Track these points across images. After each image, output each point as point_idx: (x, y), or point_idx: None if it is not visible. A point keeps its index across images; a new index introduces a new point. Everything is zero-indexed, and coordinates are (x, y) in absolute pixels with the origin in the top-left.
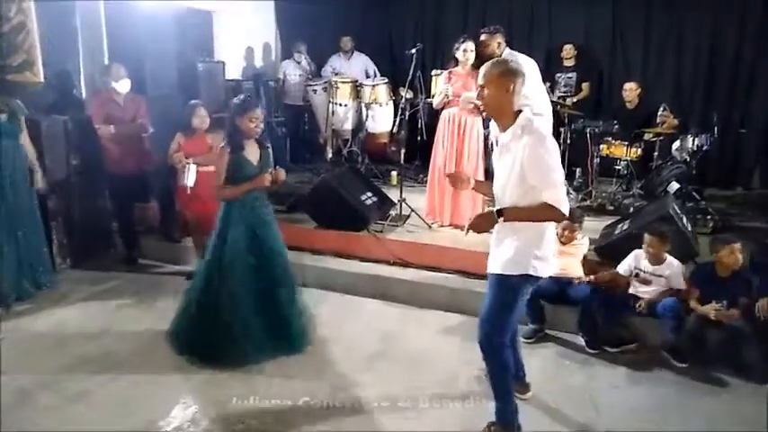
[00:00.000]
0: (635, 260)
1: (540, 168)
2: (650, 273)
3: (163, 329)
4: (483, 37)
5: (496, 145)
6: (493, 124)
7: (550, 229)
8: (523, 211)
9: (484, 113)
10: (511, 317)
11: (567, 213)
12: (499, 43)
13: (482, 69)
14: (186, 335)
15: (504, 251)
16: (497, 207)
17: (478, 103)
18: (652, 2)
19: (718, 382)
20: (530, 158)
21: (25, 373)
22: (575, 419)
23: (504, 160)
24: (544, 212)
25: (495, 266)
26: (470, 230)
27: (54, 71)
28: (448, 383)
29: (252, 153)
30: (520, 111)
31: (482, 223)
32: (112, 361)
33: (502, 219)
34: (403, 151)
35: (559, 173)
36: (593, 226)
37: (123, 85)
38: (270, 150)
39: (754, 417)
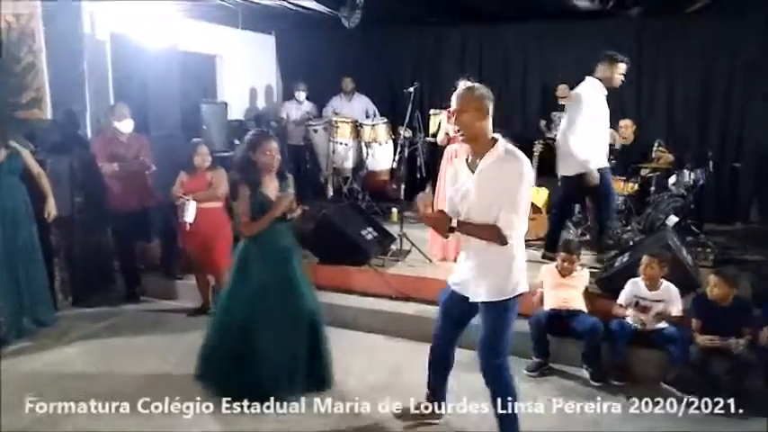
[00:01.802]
0: (633, 288)
1: (512, 195)
2: (649, 299)
3: (166, 367)
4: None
5: (467, 170)
6: (459, 155)
7: (521, 242)
8: (476, 229)
9: (461, 138)
10: (509, 337)
11: (507, 242)
12: None
13: (456, 96)
14: (217, 375)
15: (496, 277)
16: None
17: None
18: (643, 42)
19: (724, 412)
20: (510, 183)
21: (26, 411)
22: None
23: (480, 182)
24: (489, 231)
25: (490, 293)
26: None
27: (61, 111)
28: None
29: (270, 187)
30: (495, 137)
31: (437, 221)
32: (117, 398)
33: (454, 223)
34: (403, 188)
35: (526, 202)
36: (593, 260)
37: (126, 125)
38: (290, 179)
39: None
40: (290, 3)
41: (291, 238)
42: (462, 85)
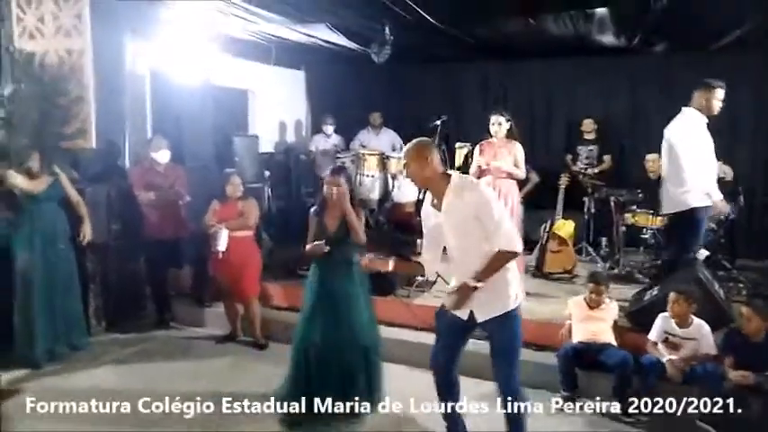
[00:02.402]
0: (664, 323)
1: (488, 212)
2: (680, 336)
3: (197, 390)
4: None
5: (434, 212)
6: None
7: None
8: (490, 267)
9: (418, 186)
10: (520, 347)
11: (520, 248)
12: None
13: (402, 152)
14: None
15: (502, 291)
16: (456, 271)
17: (512, 170)
18: (668, 77)
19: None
20: (479, 207)
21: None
22: None
23: (452, 221)
24: (504, 259)
25: (501, 308)
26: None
27: (103, 141)
28: None
29: (331, 218)
30: (448, 174)
31: (463, 299)
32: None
33: (480, 284)
34: None
35: (506, 215)
36: (623, 294)
37: (163, 156)
38: (349, 219)
39: None
40: (321, 39)
41: (352, 270)
42: (495, 119)
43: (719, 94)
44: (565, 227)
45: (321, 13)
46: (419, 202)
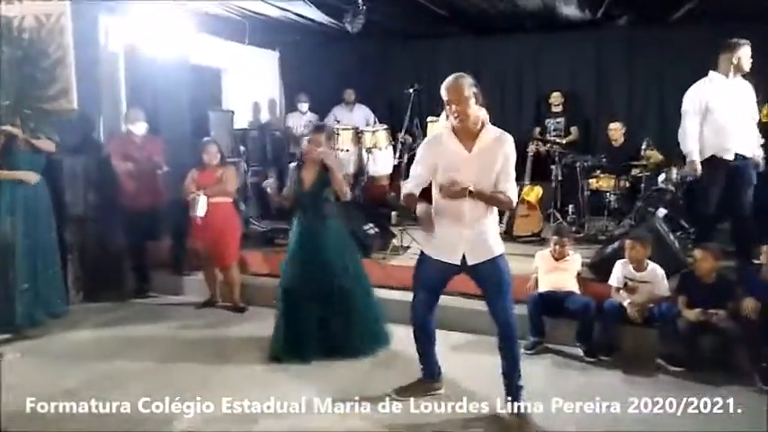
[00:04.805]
0: (623, 268)
1: (510, 168)
2: (637, 280)
3: (178, 342)
4: None
5: (456, 149)
6: (445, 135)
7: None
8: (490, 194)
9: (460, 124)
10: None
11: (513, 206)
12: None
13: (448, 87)
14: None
15: (489, 237)
16: (451, 208)
17: None
18: (631, 49)
19: (713, 383)
20: (509, 160)
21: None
22: (576, 420)
23: (484, 160)
24: (502, 199)
25: (496, 250)
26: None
27: (83, 103)
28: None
29: (308, 173)
30: (483, 121)
31: (456, 191)
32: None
33: (472, 192)
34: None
35: (514, 170)
36: (587, 254)
37: (140, 128)
38: (329, 173)
39: (747, 417)
40: (294, 14)
41: (325, 214)
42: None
43: (746, 50)
44: (533, 192)
45: None
46: (392, 177)
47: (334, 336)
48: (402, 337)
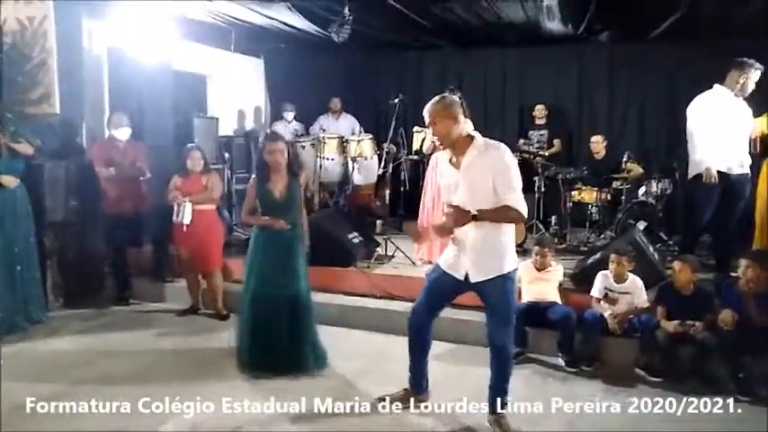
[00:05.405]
0: (603, 280)
1: (507, 176)
2: (617, 291)
3: (161, 351)
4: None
5: (451, 168)
6: (441, 157)
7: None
8: (493, 211)
9: (440, 146)
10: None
11: (526, 216)
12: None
13: (426, 109)
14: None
15: (495, 253)
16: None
17: None
18: (613, 64)
19: (691, 393)
20: (500, 167)
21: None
22: (558, 430)
23: (471, 177)
24: (508, 213)
25: (498, 268)
26: (444, 227)
27: (65, 107)
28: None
29: (277, 184)
30: (471, 136)
31: (460, 215)
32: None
33: (476, 216)
34: (387, 197)
35: (519, 181)
36: (569, 265)
37: (123, 133)
38: (301, 178)
39: (724, 425)
40: (280, 22)
41: (293, 233)
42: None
43: (753, 74)
44: None
45: None
46: (377, 186)
47: (297, 347)
48: (382, 345)
